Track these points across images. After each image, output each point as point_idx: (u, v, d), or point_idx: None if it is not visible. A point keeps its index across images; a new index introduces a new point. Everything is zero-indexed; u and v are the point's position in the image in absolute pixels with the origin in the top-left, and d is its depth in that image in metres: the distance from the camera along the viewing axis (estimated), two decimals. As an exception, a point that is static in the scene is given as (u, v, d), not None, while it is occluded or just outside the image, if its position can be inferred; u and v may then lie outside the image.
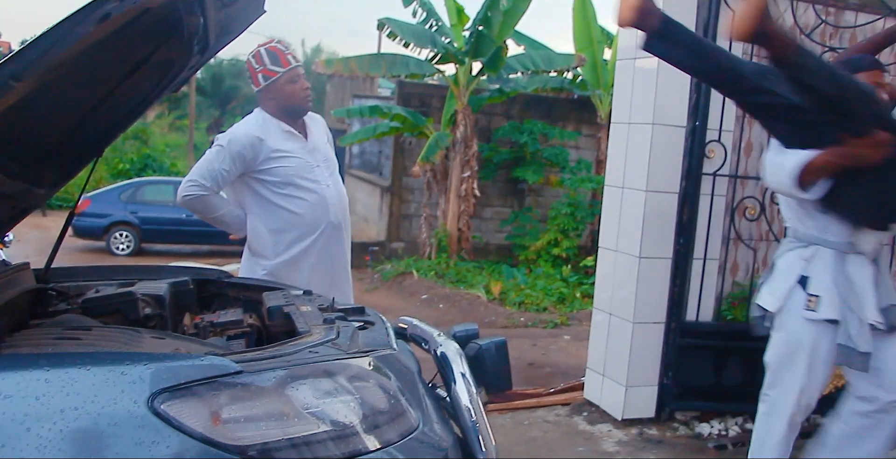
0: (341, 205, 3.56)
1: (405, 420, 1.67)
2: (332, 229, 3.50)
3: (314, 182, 3.46)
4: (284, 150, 3.41)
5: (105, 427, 1.34)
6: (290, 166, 3.41)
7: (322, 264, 3.50)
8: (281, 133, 3.45)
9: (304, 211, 3.43)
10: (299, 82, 3.46)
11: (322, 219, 3.47)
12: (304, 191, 3.43)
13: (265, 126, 3.44)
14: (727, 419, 4.32)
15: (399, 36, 12.00)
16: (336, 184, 3.57)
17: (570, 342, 7.80)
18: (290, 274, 3.42)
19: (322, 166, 3.52)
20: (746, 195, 4.31)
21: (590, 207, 12.97)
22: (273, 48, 3.44)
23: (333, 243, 3.54)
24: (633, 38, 4.28)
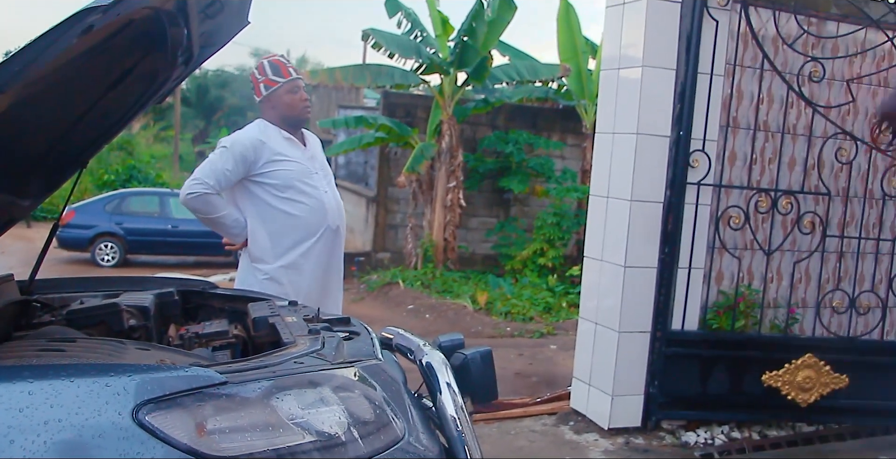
0: (339, 212, 3.67)
1: (391, 431, 1.67)
2: (330, 234, 3.60)
3: (313, 187, 3.56)
4: (285, 154, 3.53)
5: (89, 439, 1.34)
6: (290, 170, 3.52)
7: (319, 269, 3.61)
8: (282, 139, 3.57)
9: (303, 214, 3.53)
10: (299, 93, 3.61)
11: (321, 222, 3.56)
12: (304, 196, 3.53)
13: (266, 131, 3.57)
14: (713, 427, 4.34)
15: (384, 47, 12.01)
16: (333, 191, 3.69)
17: (556, 351, 7.80)
18: (290, 277, 3.53)
19: (320, 174, 3.64)
20: (731, 204, 4.33)
21: (575, 217, 13.00)
22: (276, 60, 3.61)
23: (331, 248, 3.64)
24: (616, 47, 4.32)
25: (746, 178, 4.38)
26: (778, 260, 4.51)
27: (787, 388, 4.26)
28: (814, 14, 4.40)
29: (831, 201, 4.49)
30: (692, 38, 4.10)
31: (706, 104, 4.16)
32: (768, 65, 4.28)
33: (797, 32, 4.34)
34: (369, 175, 15.16)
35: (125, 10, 1.74)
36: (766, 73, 4.33)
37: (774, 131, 4.43)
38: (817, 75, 4.39)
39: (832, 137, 4.45)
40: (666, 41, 4.12)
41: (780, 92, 4.40)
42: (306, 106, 3.66)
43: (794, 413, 4.38)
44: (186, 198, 3.48)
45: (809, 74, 4.39)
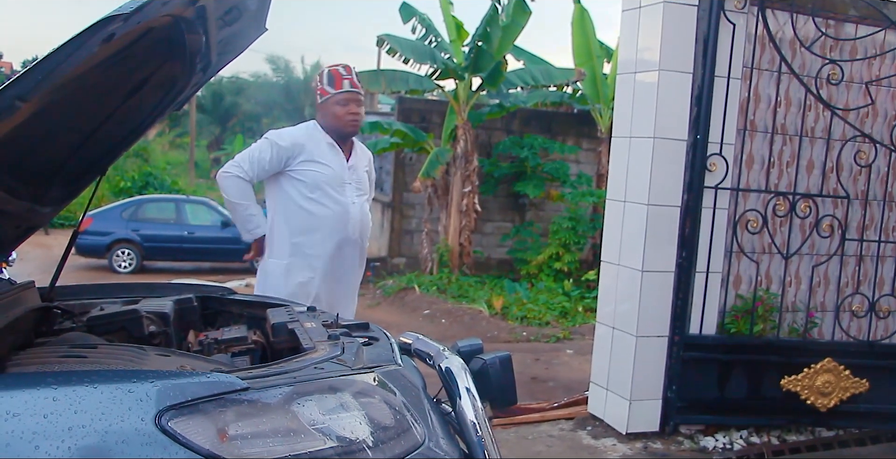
0: (362, 225, 3.74)
1: (411, 436, 1.67)
2: (349, 244, 3.70)
3: (342, 196, 3.66)
4: (323, 159, 3.64)
5: (113, 444, 1.34)
6: (323, 173, 3.62)
7: (332, 274, 3.68)
8: (325, 144, 3.68)
9: (325, 218, 3.62)
10: (348, 106, 3.66)
11: (341, 230, 3.66)
12: (330, 201, 3.63)
13: (313, 134, 3.70)
14: (732, 432, 4.31)
15: (399, 52, 12.03)
16: (362, 206, 3.76)
17: (572, 356, 7.78)
18: (303, 273, 3.64)
19: (354, 185, 3.73)
20: (749, 208, 4.31)
21: (591, 221, 12.97)
22: (333, 70, 3.69)
23: (348, 258, 3.73)
24: (632, 51, 4.32)
25: (764, 182, 4.36)
26: (796, 263, 4.49)
27: (807, 393, 4.23)
28: (832, 16, 4.38)
29: (850, 204, 4.46)
30: (709, 42, 4.08)
31: (723, 107, 4.14)
32: (786, 67, 4.27)
33: (815, 34, 4.32)
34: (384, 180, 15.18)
35: (146, 17, 1.75)
36: (784, 75, 4.31)
37: (792, 134, 4.41)
38: (836, 78, 4.36)
39: (851, 140, 4.43)
40: (682, 44, 4.11)
41: (798, 95, 4.37)
42: (353, 120, 3.70)
43: (813, 418, 4.35)
44: (220, 175, 3.65)
45: (828, 77, 4.36)
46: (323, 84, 3.69)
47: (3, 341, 2.06)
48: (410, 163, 14.31)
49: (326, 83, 3.67)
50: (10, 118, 1.63)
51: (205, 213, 16.23)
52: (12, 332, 2.13)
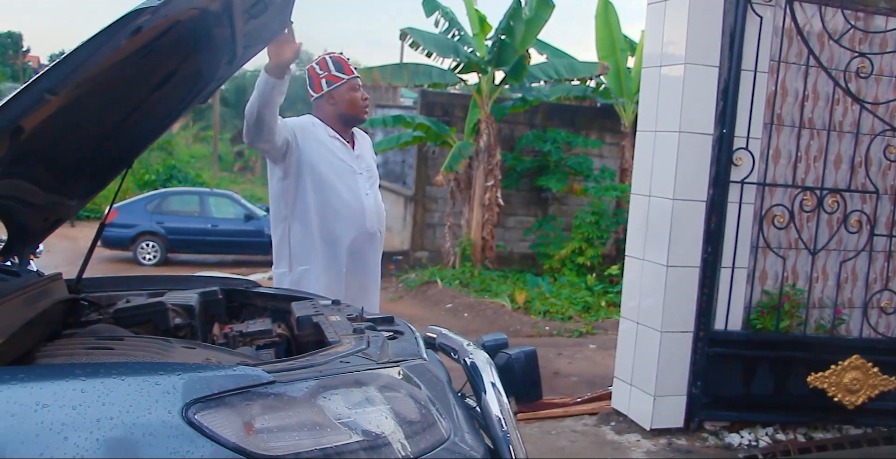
0: (378, 217, 3.61)
1: (436, 431, 1.67)
2: (366, 237, 3.56)
3: (354, 188, 3.53)
4: (331, 150, 3.50)
5: (140, 436, 1.35)
6: (333, 165, 3.49)
7: (356, 270, 3.56)
8: (327, 137, 3.53)
9: (342, 212, 3.48)
10: (360, 91, 3.58)
11: (358, 225, 3.52)
12: (344, 195, 3.49)
13: (315, 125, 3.54)
14: (757, 429, 4.28)
15: (421, 46, 12.02)
16: (375, 195, 3.63)
17: (595, 351, 7.76)
18: (323, 277, 3.48)
19: (364, 175, 3.60)
20: (775, 203, 4.27)
21: (614, 216, 12.91)
22: (337, 57, 3.57)
23: (367, 252, 3.59)
24: (658, 45, 4.28)
25: (791, 177, 4.32)
26: (823, 259, 4.44)
27: (834, 390, 4.19)
28: (861, 8, 4.33)
29: (879, 199, 4.41)
30: (735, 35, 4.05)
31: (750, 101, 4.10)
32: (814, 61, 4.22)
33: (844, 27, 4.27)
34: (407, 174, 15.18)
35: (173, 10, 1.75)
36: (812, 69, 4.26)
37: (820, 128, 4.36)
38: (865, 71, 4.31)
39: (880, 134, 4.38)
40: (709, 38, 4.07)
41: (826, 88, 4.33)
42: (367, 104, 3.63)
43: (840, 415, 4.31)
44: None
45: (857, 70, 4.31)
46: (331, 71, 3.52)
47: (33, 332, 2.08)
48: (433, 156, 14.30)
49: (335, 70, 3.52)
50: (39, 111, 1.64)
51: (228, 206, 16.32)
52: (41, 324, 2.15)
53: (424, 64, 12.56)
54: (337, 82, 3.52)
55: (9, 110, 1.55)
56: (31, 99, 1.56)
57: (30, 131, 1.70)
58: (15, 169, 2.09)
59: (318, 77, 3.54)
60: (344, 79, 3.52)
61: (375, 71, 12.33)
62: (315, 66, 3.56)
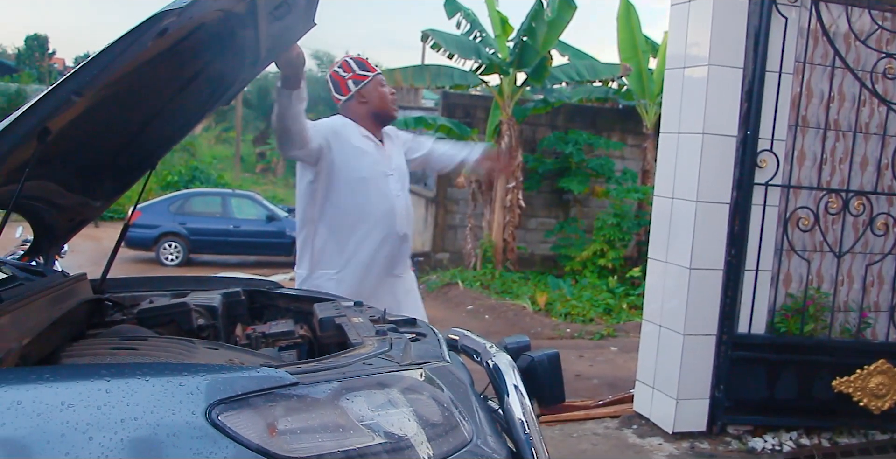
0: (408, 219, 3.56)
1: (459, 434, 1.66)
2: (397, 239, 3.49)
3: (385, 190, 3.46)
4: (360, 151, 3.42)
5: (164, 437, 1.35)
6: (365, 166, 3.41)
7: (388, 273, 3.51)
8: (360, 136, 3.46)
9: (371, 214, 3.41)
10: (387, 86, 3.55)
11: (388, 227, 3.45)
12: (374, 197, 3.42)
13: (347, 126, 3.46)
14: (781, 433, 4.24)
15: (443, 47, 12.02)
16: (406, 197, 3.58)
17: (617, 353, 7.72)
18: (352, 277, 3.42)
19: (395, 176, 3.52)
20: (800, 205, 4.23)
21: (636, 218, 12.86)
22: (358, 57, 3.57)
23: (398, 254, 3.53)
24: (681, 46, 4.26)
25: (816, 179, 4.28)
26: (849, 262, 4.40)
27: (859, 394, 4.15)
28: (888, 8, 4.28)
29: (905, 202, 4.37)
30: (760, 36, 4.02)
31: (774, 103, 4.07)
32: (840, 62, 4.18)
33: (871, 28, 4.22)
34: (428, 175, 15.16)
35: (198, 12, 1.75)
36: (838, 70, 4.23)
37: (846, 130, 4.32)
38: (892, 72, 4.27)
39: (907, 136, 4.33)
40: (733, 39, 4.05)
41: (853, 90, 4.29)
42: (395, 99, 3.58)
43: (866, 421, 4.26)
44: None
45: (884, 71, 4.27)
46: (355, 71, 3.48)
47: (58, 332, 2.09)
48: (454, 158, 14.27)
49: (359, 69, 3.48)
50: (65, 113, 1.65)
51: (250, 207, 16.40)
52: (66, 324, 2.16)
53: (446, 65, 12.57)
54: (364, 80, 3.48)
55: (35, 112, 1.56)
56: (58, 101, 1.57)
57: (56, 133, 1.71)
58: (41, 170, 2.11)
59: (344, 79, 3.49)
60: (370, 76, 3.49)
61: (397, 72, 12.35)
62: (338, 70, 3.52)
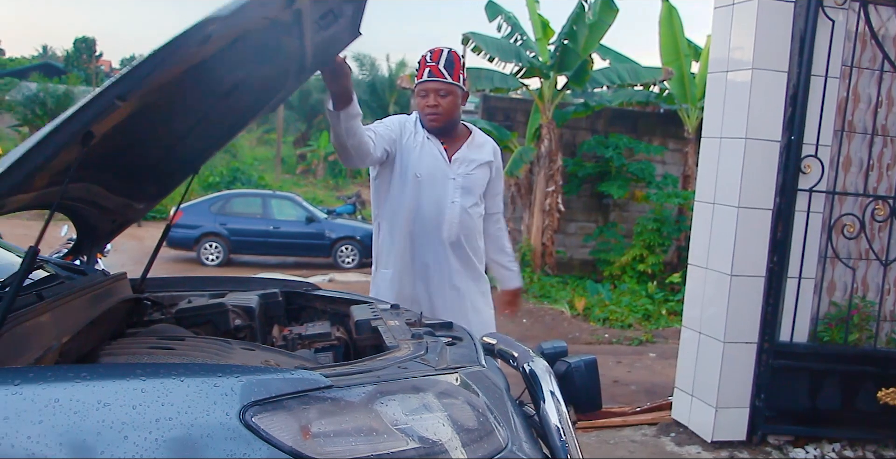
0: (460, 226, 3.29)
1: (493, 439, 1.64)
2: (443, 247, 3.29)
3: (440, 194, 3.27)
4: (420, 150, 3.27)
5: (198, 437, 1.35)
6: (423, 164, 3.25)
7: (448, 286, 3.32)
8: (422, 137, 3.31)
9: (419, 218, 3.26)
10: (427, 98, 3.25)
11: (435, 232, 3.28)
12: (425, 200, 3.26)
13: (417, 124, 3.34)
14: (823, 445, 4.16)
15: (484, 50, 12.00)
16: (465, 207, 3.30)
17: (655, 360, 7.64)
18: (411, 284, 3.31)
19: (458, 182, 3.30)
20: (845, 212, 4.16)
21: (676, 223, 12.73)
22: (422, 57, 3.28)
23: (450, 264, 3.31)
24: (724, 50, 4.20)
25: (862, 185, 4.20)
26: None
27: (905, 406, 4.06)
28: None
29: (954, 210, 4.27)
30: (806, 39, 3.95)
31: (820, 108, 4.00)
32: (889, 65, 4.10)
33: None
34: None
35: (242, 20, 1.76)
36: (886, 74, 4.15)
37: (894, 136, 4.24)
38: (942, 77, 4.18)
39: (957, 142, 4.23)
40: (777, 42, 3.99)
41: (901, 94, 4.20)
42: (428, 113, 3.26)
43: (912, 433, 4.17)
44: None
45: (934, 76, 4.18)
46: (415, 71, 3.31)
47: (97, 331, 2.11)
48: (494, 161, 14.23)
49: (416, 72, 3.29)
50: (109, 117, 1.66)
51: (290, 209, 16.51)
52: (105, 322, 2.18)
53: (486, 68, 12.54)
54: (417, 80, 3.29)
55: (80, 116, 1.57)
56: (102, 105, 1.58)
57: (100, 136, 1.72)
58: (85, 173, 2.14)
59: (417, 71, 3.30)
60: (415, 84, 3.29)
61: (437, 75, 12.32)
62: (421, 59, 3.30)
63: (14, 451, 1.28)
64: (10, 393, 1.33)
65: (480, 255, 3.42)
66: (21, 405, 1.32)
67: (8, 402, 1.32)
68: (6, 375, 1.37)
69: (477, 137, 3.43)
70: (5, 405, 1.32)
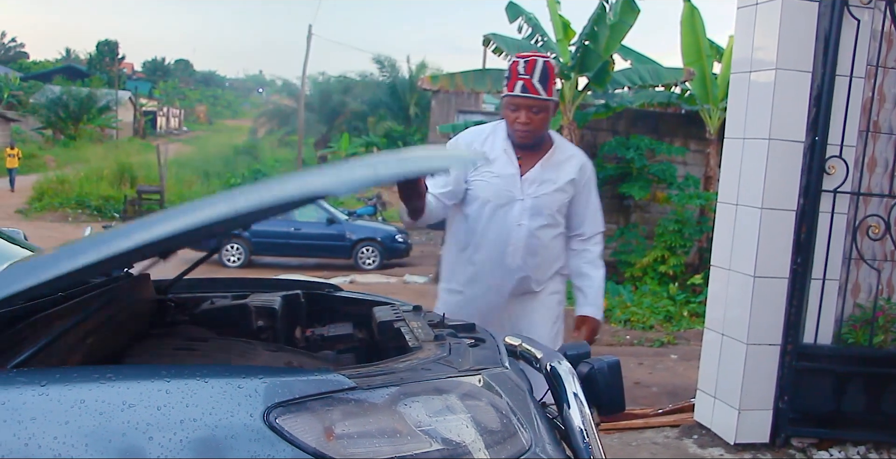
0: (527, 250, 3.07)
1: (517, 441, 1.64)
2: (506, 273, 3.09)
3: (505, 217, 3.06)
4: (492, 166, 3.05)
5: (222, 439, 1.36)
6: (489, 183, 3.05)
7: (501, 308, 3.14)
8: (499, 149, 3.08)
9: (482, 241, 3.09)
10: (517, 113, 3.00)
11: (495, 258, 3.08)
12: (490, 221, 3.06)
13: (493, 137, 3.13)
14: (847, 447, 4.13)
15: (505, 51, 12.00)
16: (533, 231, 3.07)
17: (677, 361, 7.60)
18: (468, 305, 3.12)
19: (526, 203, 3.06)
20: (870, 213, 4.12)
21: (698, 224, 12.66)
22: (514, 64, 3.00)
23: (507, 288, 3.12)
24: (747, 50, 4.18)
25: (888, 186, 4.16)
26: (921, 272, 4.27)
27: (931, 409, 4.02)
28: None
29: (982, 210, 4.22)
30: (830, 39, 3.92)
31: (844, 108, 3.97)
32: (915, 66, 4.06)
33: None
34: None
35: None
36: (913, 74, 4.10)
37: (920, 136, 4.20)
38: (969, 76, 4.13)
39: (984, 142, 4.18)
40: (801, 42, 3.96)
41: (928, 94, 4.16)
42: (518, 129, 3.02)
43: (939, 436, 4.12)
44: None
45: (960, 75, 4.13)
46: (505, 77, 3.00)
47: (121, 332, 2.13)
48: (514, 162, 14.22)
49: (505, 77, 3.00)
50: None
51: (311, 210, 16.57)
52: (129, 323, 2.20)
53: (507, 70, 12.53)
54: (504, 93, 3.04)
55: None
56: None
57: None
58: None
59: (506, 79, 3.03)
60: (504, 94, 3.05)
61: (458, 76, 12.37)
62: (511, 65, 3.04)
63: (41, 451, 1.29)
64: (36, 394, 1.34)
65: (554, 279, 3.23)
66: (48, 405, 1.33)
67: (35, 403, 1.33)
68: (33, 376, 1.38)
69: (559, 152, 3.16)
70: (32, 406, 1.33)
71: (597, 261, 3.26)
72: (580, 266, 3.25)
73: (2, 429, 1.30)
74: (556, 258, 3.20)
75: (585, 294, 3.26)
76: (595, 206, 3.29)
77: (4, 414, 1.31)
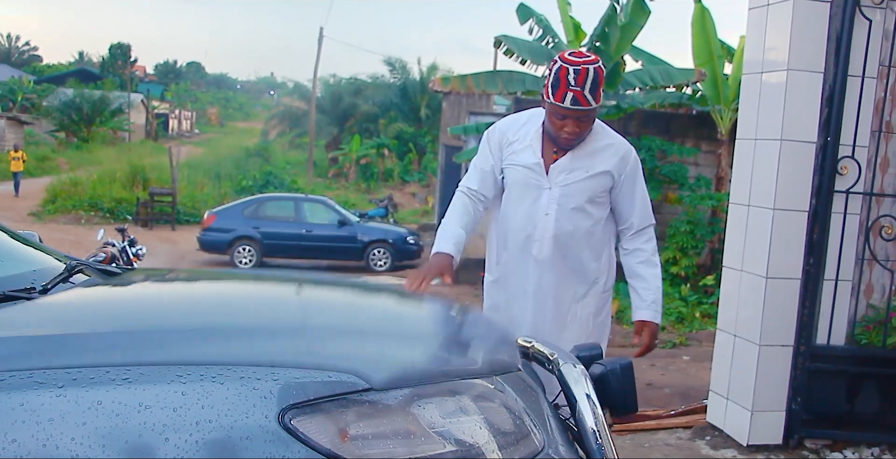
0: (555, 242, 2.99)
1: (530, 442, 1.65)
2: (534, 265, 3.02)
3: (532, 206, 3.00)
4: (521, 154, 3.01)
5: (237, 440, 1.37)
6: (518, 170, 3.00)
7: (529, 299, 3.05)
8: (532, 136, 3.01)
9: (512, 228, 3.06)
10: (564, 121, 2.88)
11: (522, 248, 3.04)
12: (518, 209, 3.03)
13: (528, 126, 3.06)
14: (862, 449, 4.11)
15: (516, 53, 11.99)
16: (561, 221, 2.98)
17: (689, 363, 7.60)
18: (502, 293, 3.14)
19: (554, 191, 2.97)
20: (883, 213, 4.10)
21: (709, 225, 12.63)
22: (563, 71, 2.83)
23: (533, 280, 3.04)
24: (759, 50, 4.17)
25: (901, 186, 4.14)
26: (935, 273, 4.25)
27: (945, 410, 4.00)
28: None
29: None
30: (842, 39, 3.90)
31: (856, 108, 3.95)
32: (927, 66, 4.04)
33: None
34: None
35: None
36: (925, 74, 4.08)
37: (932, 136, 4.18)
38: (982, 76, 4.11)
39: None
40: (813, 43, 3.95)
41: (941, 94, 4.14)
42: (564, 137, 2.91)
43: (954, 438, 4.10)
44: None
45: (973, 75, 4.11)
46: (548, 80, 2.86)
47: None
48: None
49: (551, 83, 2.84)
50: None
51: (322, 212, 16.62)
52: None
53: (518, 71, 12.53)
54: (546, 97, 2.90)
55: None
56: None
57: None
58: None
59: (547, 80, 2.91)
60: (548, 100, 2.88)
61: (469, 78, 12.36)
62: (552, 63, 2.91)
63: (59, 452, 1.30)
64: (54, 396, 1.36)
65: (589, 272, 3.09)
66: (65, 407, 1.35)
67: (53, 404, 1.35)
68: (51, 378, 1.40)
69: (595, 140, 3.03)
70: (50, 407, 1.34)
71: (651, 260, 3.12)
72: (633, 266, 3.12)
73: (20, 430, 1.31)
74: (594, 250, 3.08)
75: (642, 296, 3.11)
76: (643, 197, 3.14)
77: (23, 416, 1.33)
